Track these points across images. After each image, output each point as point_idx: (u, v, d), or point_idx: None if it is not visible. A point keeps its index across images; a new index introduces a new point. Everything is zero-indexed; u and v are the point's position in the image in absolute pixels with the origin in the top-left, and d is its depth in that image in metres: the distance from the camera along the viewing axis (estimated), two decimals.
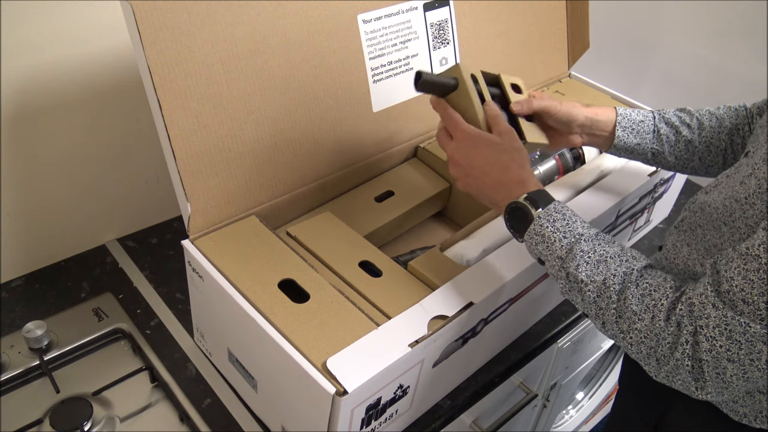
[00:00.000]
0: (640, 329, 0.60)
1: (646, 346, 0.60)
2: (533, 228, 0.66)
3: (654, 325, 0.59)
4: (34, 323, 0.84)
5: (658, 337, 0.59)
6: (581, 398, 1.49)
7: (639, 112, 0.84)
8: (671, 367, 0.59)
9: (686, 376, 0.58)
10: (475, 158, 0.70)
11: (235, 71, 0.73)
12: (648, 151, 0.84)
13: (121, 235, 1.04)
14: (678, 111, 0.85)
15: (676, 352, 0.58)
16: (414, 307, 0.69)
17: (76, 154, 0.92)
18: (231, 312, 0.70)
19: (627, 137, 0.82)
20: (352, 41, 0.84)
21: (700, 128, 0.82)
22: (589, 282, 0.62)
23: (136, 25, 0.64)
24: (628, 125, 0.82)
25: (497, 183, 0.69)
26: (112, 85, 0.91)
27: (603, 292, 0.62)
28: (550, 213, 0.65)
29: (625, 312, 0.61)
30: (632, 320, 0.60)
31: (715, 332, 0.55)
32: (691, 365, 0.57)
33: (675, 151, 0.83)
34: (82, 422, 0.76)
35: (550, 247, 0.65)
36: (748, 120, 0.81)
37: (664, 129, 0.83)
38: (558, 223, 0.65)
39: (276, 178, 0.80)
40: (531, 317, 0.94)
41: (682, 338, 0.57)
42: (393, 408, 0.71)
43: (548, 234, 0.65)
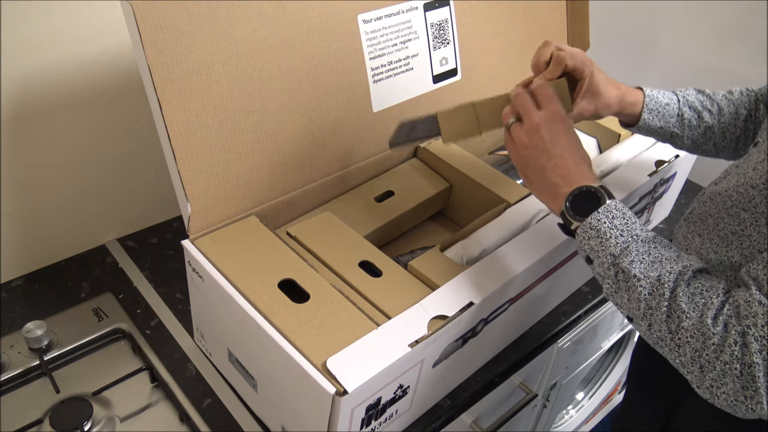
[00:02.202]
0: (687, 328, 0.56)
1: (691, 348, 0.56)
2: (589, 222, 0.62)
3: (702, 324, 0.55)
4: (34, 323, 0.84)
5: (705, 336, 0.55)
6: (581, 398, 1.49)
7: (665, 94, 0.82)
8: (717, 374, 0.54)
9: (734, 384, 0.54)
10: (561, 137, 0.65)
11: (235, 71, 0.73)
12: (668, 133, 0.83)
13: (121, 235, 1.04)
14: (698, 93, 0.84)
15: (723, 354, 0.54)
16: (414, 307, 0.69)
17: (76, 154, 0.92)
18: (231, 312, 0.70)
19: (652, 120, 0.81)
20: (352, 41, 0.84)
21: (720, 114, 0.82)
22: (643, 278, 0.59)
23: (136, 25, 0.64)
24: (654, 108, 0.81)
25: (570, 170, 0.64)
26: (112, 85, 0.91)
27: (656, 288, 0.58)
28: (609, 209, 0.62)
29: (675, 311, 0.57)
30: (681, 318, 0.56)
31: (764, 330, 0.52)
32: (740, 370, 0.53)
33: (693, 135, 0.83)
34: (82, 422, 0.76)
35: (603, 243, 0.61)
36: (756, 107, 0.82)
37: (687, 113, 0.82)
38: (617, 221, 0.61)
39: (276, 178, 0.80)
40: (531, 317, 0.94)
41: (730, 339, 0.53)
42: (393, 408, 0.71)
43: (605, 229, 0.61)
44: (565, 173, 0.65)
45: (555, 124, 0.66)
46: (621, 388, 1.54)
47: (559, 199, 0.65)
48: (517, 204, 0.87)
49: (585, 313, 1.00)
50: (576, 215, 0.63)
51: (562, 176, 0.65)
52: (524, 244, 0.79)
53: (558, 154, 0.65)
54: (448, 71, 0.97)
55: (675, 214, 1.19)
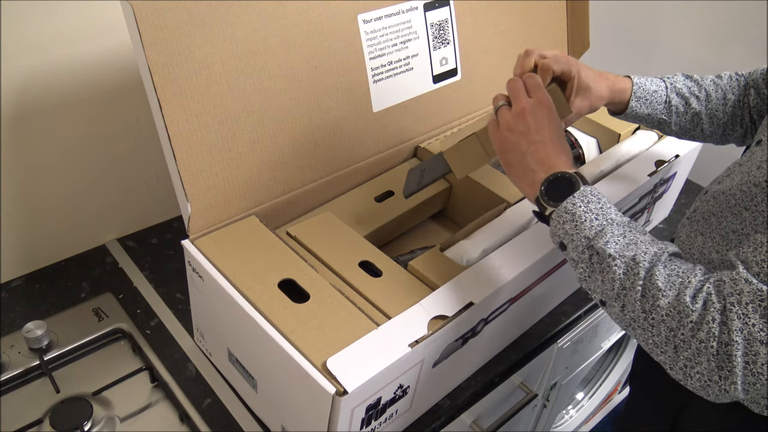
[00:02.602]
0: (663, 306, 0.55)
1: (666, 327, 0.55)
2: (564, 206, 0.62)
3: (678, 302, 0.54)
4: (34, 323, 0.84)
5: (681, 315, 0.54)
6: (581, 398, 1.49)
7: (653, 81, 0.83)
8: (692, 353, 0.53)
9: (709, 364, 0.52)
10: (544, 125, 0.66)
11: (235, 71, 0.73)
12: (655, 120, 0.84)
13: (121, 235, 1.04)
14: (686, 79, 0.85)
15: (700, 332, 0.53)
16: (414, 307, 0.69)
17: (76, 154, 0.92)
18: (231, 312, 0.70)
19: (639, 108, 0.82)
20: (352, 41, 0.84)
21: (708, 100, 0.83)
22: (618, 257, 0.58)
23: (137, 25, 0.64)
24: (642, 95, 0.82)
25: (549, 157, 0.65)
26: (113, 85, 0.91)
27: (631, 268, 0.58)
28: (585, 194, 0.62)
29: (650, 289, 0.56)
30: (656, 297, 0.56)
31: (748, 309, 0.51)
32: (716, 349, 0.52)
33: (681, 122, 0.84)
34: (82, 422, 0.76)
35: (578, 227, 0.61)
36: (746, 92, 0.82)
37: (675, 100, 0.83)
38: (592, 205, 0.62)
39: (276, 178, 0.80)
40: (531, 317, 0.94)
41: (708, 317, 0.52)
42: (393, 408, 0.71)
43: (580, 213, 0.61)
44: (543, 159, 0.65)
45: (540, 111, 0.67)
46: (621, 388, 1.54)
47: (536, 185, 0.65)
48: (517, 204, 0.87)
49: (585, 313, 1.00)
50: (550, 200, 0.64)
51: (540, 162, 0.65)
52: (524, 244, 0.79)
53: (539, 140, 0.66)
54: (448, 71, 0.97)
55: (675, 214, 1.19)
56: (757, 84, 0.82)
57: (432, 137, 0.99)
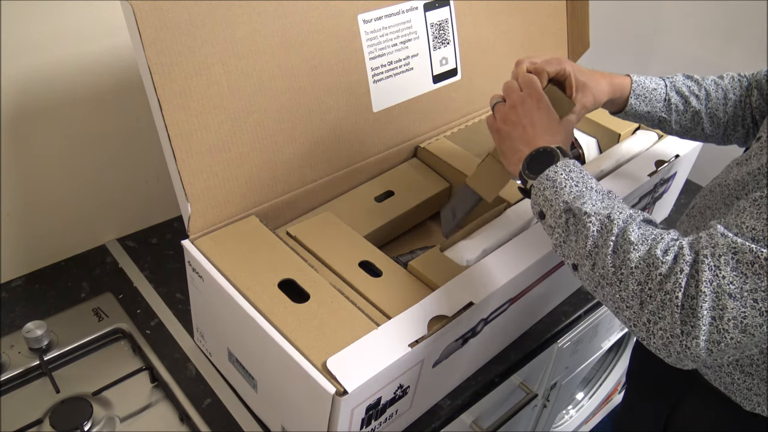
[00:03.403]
0: (633, 259, 0.55)
1: (635, 280, 0.55)
2: (546, 173, 0.64)
3: (649, 254, 0.54)
4: (34, 323, 0.84)
5: (650, 267, 0.54)
6: (581, 398, 1.49)
7: (652, 80, 0.84)
8: (656, 305, 0.53)
9: (673, 317, 0.52)
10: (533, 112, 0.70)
11: (235, 71, 0.73)
12: (656, 119, 0.85)
13: (121, 235, 1.04)
14: (686, 79, 0.85)
15: (666, 283, 0.52)
16: (414, 307, 0.69)
17: (76, 154, 0.92)
18: (231, 312, 0.70)
19: (639, 105, 0.83)
20: (352, 41, 0.84)
21: (707, 99, 0.83)
22: (593, 214, 0.59)
23: (137, 25, 0.64)
24: (641, 93, 0.83)
25: (535, 137, 0.68)
26: (113, 85, 0.91)
27: (605, 225, 0.58)
28: (568, 165, 0.64)
29: (623, 244, 0.57)
30: (627, 251, 0.56)
31: (720, 261, 0.51)
32: (681, 301, 0.51)
33: (681, 120, 0.84)
34: (82, 422, 0.76)
35: (558, 192, 0.63)
36: (748, 92, 0.83)
37: (674, 98, 0.84)
38: (573, 174, 0.63)
39: (276, 178, 0.80)
40: (531, 317, 0.94)
41: (677, 268, 0.52)
42: (393, 408, 0.71)
43: (561, 180, 0.63)
44: (529, 139, 0.68)
45: (530, 101, 0.70)
46: (621, 388, 1.54)
47: (520, 162, 0.68)
48: (517, 204, 0.87)
49: (585, 313, 1.00)
50: (531, 173, 0.66)
51: (525, 142, 0.68)
52: (524, 244, 0.79)
53: (527, 124, 0.69)
54: (448, 71, 0.97)
55: (675, 214, 1.19)
56: (760, 85, 0.82)
57: (432, 137, 0.99)
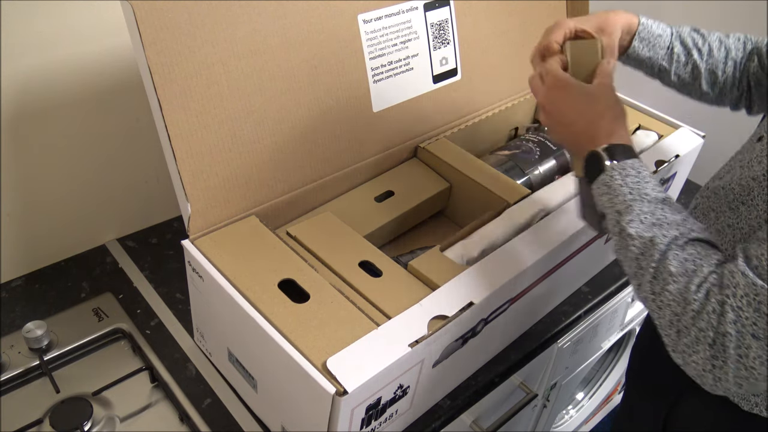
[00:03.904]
0: (672, 291, 0.56)
1: (671, 311, 0.57)
2: (602, 178, 0.63)
3: (686, 290, 0.56)
4: (34, 323, 0.84)
5: (686, 302, 0.55)
6: (581, 398, 1.49)
7: (659, 25, 0.83)
8: (691, 339, 0.55)
9: (705, 353, 0.54)
10: (565, 107, 0.68)
11: (235, 71, 0.73)
12: (656, 66, 0.83)
13: (121, 235, 1.04)
14: (692, 32, 0.84)
15: (699, 321, 0.54)
16: (414, 307, 0.69)
17: (76, 154, 0.92)
18: (231, 312, 0.70)
19: (642, 49, 0.82)
20: (352, 41, 0.84)
21: (709, 55, 0.82)
22: (637, 237, 0.59)
23: (137, 25, 0.64)
24: (646, 36, 0.81)
25: (583, 133, 0.66)
26: (113, 85, 0.91)
27: (647, 249, 0.59)
28: (624, 167, 0.63)
29: (662, 273, 0.57)
30: (667, 281, 0.57)
31: (743, 302, 0.52)
32: (713, 338, 0.54)
33: (680, 72, 0.83)
34: (82, 422, 0.76)
35: (612, 200, 0.62)
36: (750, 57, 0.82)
37: (678, 48, 0.83)
38: (629, 179, 0.62)
39: (276, 178, 0.80)
40: (531, 317, 0.94)
41: (709, 307, 0.54)
42: (393, 408, 0.71)
43: (615, 186, 0.62)
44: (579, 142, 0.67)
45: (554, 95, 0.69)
46: (621, 388, 1.54)
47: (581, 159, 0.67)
48: (517, 204, 0.87)
49: (585, 313, 1.00)
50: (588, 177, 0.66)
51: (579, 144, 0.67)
52: (524, 244, 0.79)
53: (568, 122, 0.68)
54: (448, 71, 0.97)
55: None
56: (761, 52, 0.81)
57: (432, 137, 0.99)
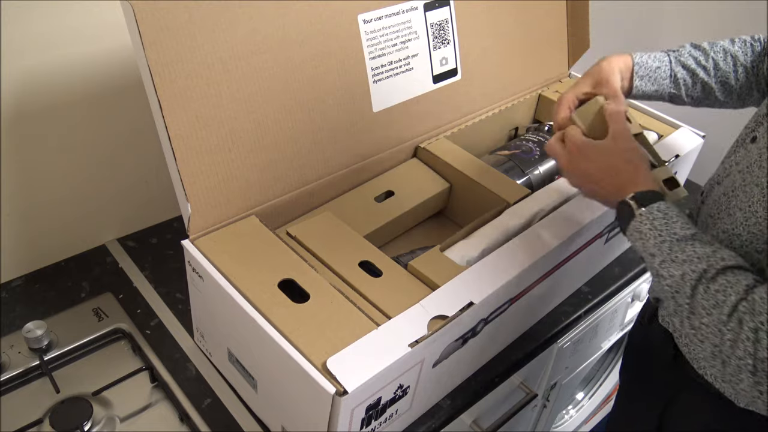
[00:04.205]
0: (707, 324, 0.57)
1: (711, 344, 0.57)
2: (633, 224, 0.66)
3: (718, 320, 0.56)
4: (34, 323, 0.84)
5: (722, 333, 0.56)
6: (581, 398, 1.49)
7: (655, 58, 0.84)
8: (734, 368, 0.56)
9: (749, 380, 0.55)
10: (588, 168, 0.71)
11: (235, 71, 0.73)
12: (665, 95, 0.85)
13: (121, 235, 1.04)
14: (693, 49, 0.85)
15: (737, 350, 0.55)
16: (414, 307, 0.69)
17: (76, 154, 0.92)
18: (231, 312, 0.70)
19: (645, 86, 0.83)
20: (353, 41, 0.84)
21: (716, 69, 0.83)
22: (668, 277, 0.61)
23: (137, 25, 0.64)
24: (645, 74, 0.83)
25: (612, 187, 0.69)
26: (113, 85, 0.91)
27: (680, 287, 0.60)
28: (652, 211, 0.65)
29: (696, 308, 0.59)
30: (701, 314, 0.58)
31: None
32: (753, 365, 0.54)
33: (691, 93, 0.85)
34: (82, 422, 0.76)
35: (645, 244, 0.64)
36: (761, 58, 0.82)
37: (681, 73, 0.84)
38: (657, 222, 0.64)
39: (276, 178, 0.80)
40: (531, 317, 0.94)
41: (743, 335, 0.54)
42: (393, 408, 0.71)
43: (645, 231, 0.64)
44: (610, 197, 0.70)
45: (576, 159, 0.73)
46: None
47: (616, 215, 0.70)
48: (517, 204, 0.87)
49: (585, 313, 1.00)
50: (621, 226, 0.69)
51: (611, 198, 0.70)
52: (524, 244, 0.79)
53: (595, 181, 0.71)
54: (448, 71, 0.97)
55: None
56: None
57: (432, 137, 0.99)
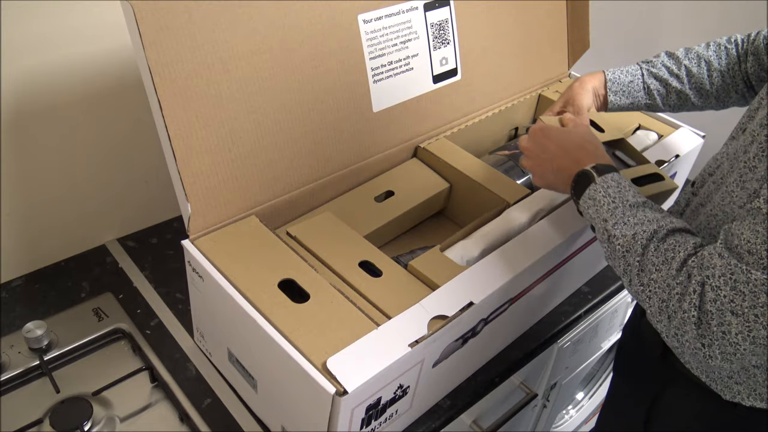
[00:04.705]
0: (656, 280, 0.60)
1: (658, 299, 0.60)
2: (588, 192, 0.69)
3: (667, 275, 0.59)
4: (34, 323, 0.84)
5: (669, 287, 0.59)
6: (581, 398, 1.49)
7: (627, 72, 0.87)
8: (679, 321, 0.58)
9: (693, 332, 0.57)
10: (548, 145, 0.75)
11: (235, 71, 0.73)
12: (642, 106, 0.89)
13: (121, 235, 1.04)
14: (666, 58, 0.88)
15: (684, 302, 0.58)
16: (414, 307, 0.69)
17: (76, 154, 0.92)
18: (231, 312, 0.70)
19: (619, 100, 0.87)
20: (353, 41, 0.84)
21: (689, 76, 0.86)
22: (621, 237, 0.64)
23: (137, 25, 0.64)
24: (618, 89, 0.86)
25: (570, 161, 0.72)
26: (113, 85, 0.91)
27: (631, 246, 0.63)
28: (606, 180, 0.68)
29: (646, 264, 0.62)
30: (650, 271, 0.61)
31: (720, 281, 0.55)
32: (697, 317, 0.57)
33: (668, 101, 0.88)
34: (82, 422, 0.76)
35: (598, 210, 0.67)
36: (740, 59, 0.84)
37: (654, 84, 0.86)
38: (611, 190, 0.67)
39: (276, 178, 0.80)
40: (531, 317, 0.94)
41: (690, 288, 0.57)
42: (393, 408, 0.71)
43: (599, 198, 0.67)
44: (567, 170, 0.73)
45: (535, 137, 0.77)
46: None
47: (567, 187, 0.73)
48: (517, 204, 0.87)
49: (585, 313, 1.00)
50: (576, 195, 0.72)
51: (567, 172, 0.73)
52: (524, 244, 0.79)
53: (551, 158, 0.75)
54: (448, 71, 0.97)
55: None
56: (758, 50, 0.83)
57: (432, 137, 0.99)
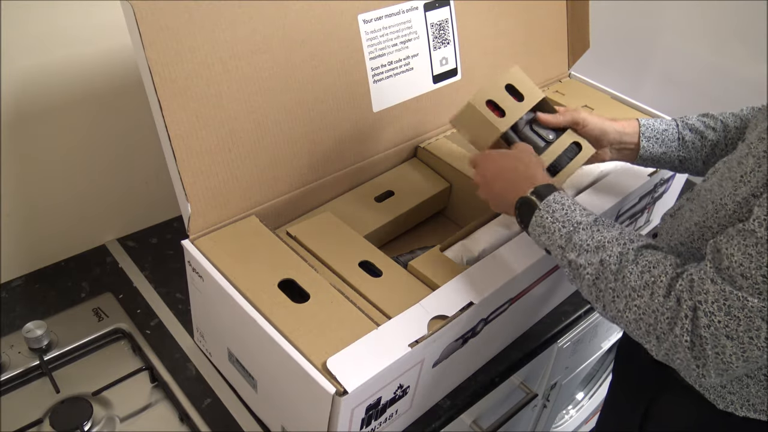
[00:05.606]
0: (639, 306, 0.60)
1: (645, 323, 0.60)
2: (534, 220, 0.68)
3: (653, 301, 0.59)
4: (34, 323, 0.84)
5: (657, 313, 0.58)
6: (581, 398, 1.49)
7: (662, 121, 0.84)
8: (670, 344, 0.58)
9: (686, 354, 0.57)
10: (489, 168, 0.75)
11: (235, 71, 0.73)
12: (675, 159, 0.84)
13: (121, 235, 1.04)
14: (701, 116, 0.85)
15: (675, 327, 0.57)
16: (414, 307, 0.69)
17: (76, 154, 0.92)
18: (231, 312, 0.70)
19: (652, 147, 0.83)
20: (353, 41, 0.84)
21: (725, 130, 0.82)
22: (587, 265, 0.64)
23: (137, 25, 0.64)
24: (651, 135, 0.82)
25: (509, 184, 0.72)
26: (113, 85, 0.91)
27: (601, 273, 0.63)
28: (549, 204, 0.68)
29: (623, 290, 0.61)
30: (631, 297, 0.60)
31: (714, 307, 0.55)
32: (690, 342, 0.56)
33: (702, 156, 0.83)
34: (82, 422, 0.76)
35: (550, 237, 0.67)
36: None
37: (689, 135, 0.83)
38: (557, 214, 0.67)
39: (276, 178, 0.80)
40: (531, 317, 0.94)
41: (682, 313, 0.57)
42: (393, 408, 0.71)
43: (548, 225, 0.67)
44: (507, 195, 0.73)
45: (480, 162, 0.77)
46: None
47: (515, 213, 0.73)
48: None
49: (585, 313, 1.00)
50: (522, 223, 0.71)
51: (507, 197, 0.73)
52: (524, 244, 0.79)
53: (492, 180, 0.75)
54: (448, 71, 0.98)
55: None
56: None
57: (432, 137, 0.99)
